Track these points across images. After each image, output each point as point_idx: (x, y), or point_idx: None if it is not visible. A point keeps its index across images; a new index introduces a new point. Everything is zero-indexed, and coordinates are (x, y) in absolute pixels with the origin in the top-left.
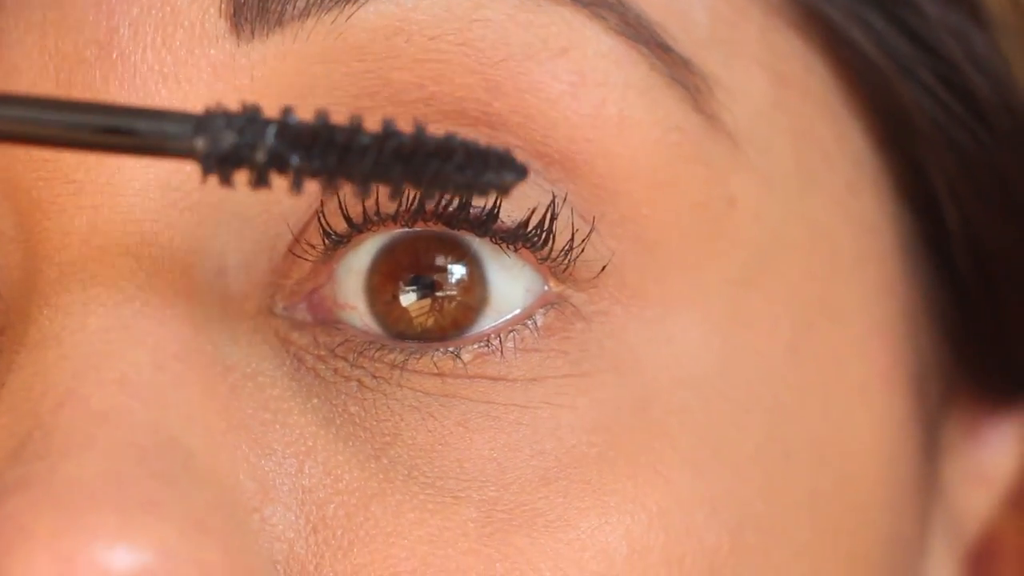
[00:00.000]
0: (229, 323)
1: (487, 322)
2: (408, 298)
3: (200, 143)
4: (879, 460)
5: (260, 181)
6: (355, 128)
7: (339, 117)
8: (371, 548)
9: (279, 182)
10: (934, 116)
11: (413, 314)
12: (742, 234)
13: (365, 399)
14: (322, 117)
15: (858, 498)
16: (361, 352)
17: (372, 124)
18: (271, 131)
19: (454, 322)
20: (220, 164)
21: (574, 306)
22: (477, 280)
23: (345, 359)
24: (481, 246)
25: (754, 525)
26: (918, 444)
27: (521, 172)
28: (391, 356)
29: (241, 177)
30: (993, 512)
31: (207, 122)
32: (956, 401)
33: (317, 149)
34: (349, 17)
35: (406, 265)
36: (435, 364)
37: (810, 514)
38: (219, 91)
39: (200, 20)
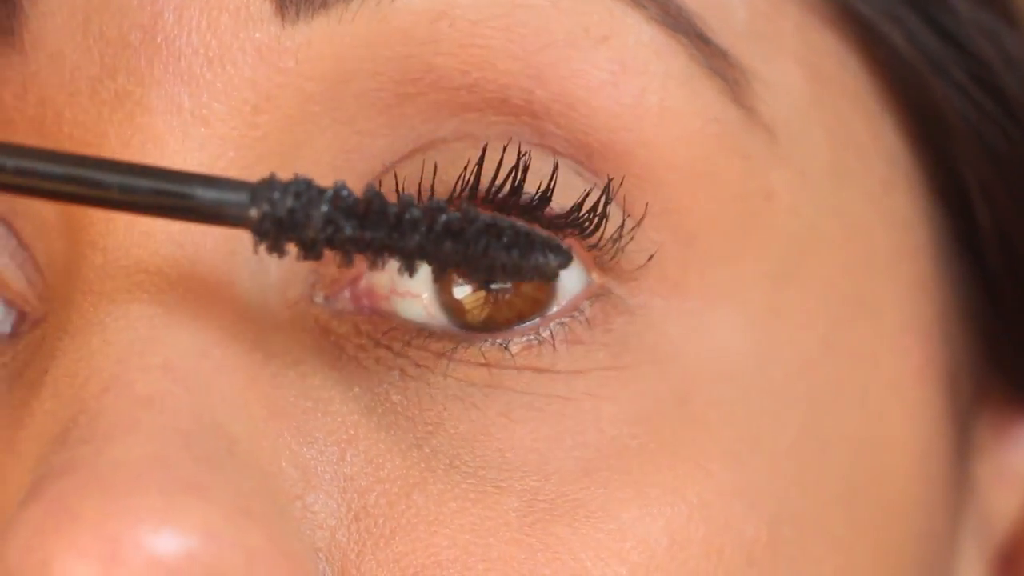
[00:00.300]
0: (270, 311)
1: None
2: (463, 291)
3: (255, 212)
4: (913, 456)
5: (311, 251)
6: (406, 202)
7: (382, 103)
8: (412, 537)
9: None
10: (966, 114)
11: (468, 305)
12: (779, 228)
13: (407, 388)
14: (373, 189)
15: (892, 493)
16: (407, 341)
17: (416, 115)
18: (325, 201)
19: (519, 314)
20: (274, 233)
21: (618, 297)
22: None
23: (389, 348)
24: None
25: (791, 518)
26: (950, 442)
27: (567, 257)
28: (437, 345)
29: (292, 247)
30: (1022, 513)
31: (262, 191)
32: (987, 401)
33: (369, 221)
34: (393, 0)
35: None
36: (483, 354)
37: (845, 508)
38: (263, 74)
39: (245, 3)
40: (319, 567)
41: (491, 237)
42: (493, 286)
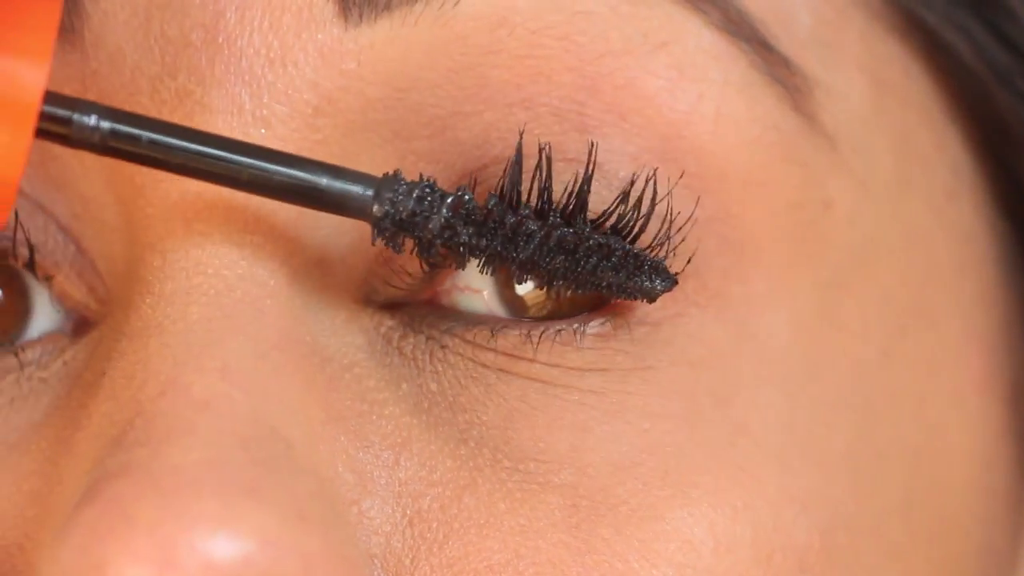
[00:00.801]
0: (328, 313)
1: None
2: (525, 287)
3: (378, 207)
4: (973, 468)
5: (427, 252)
6: (525, 215)
7: (438, 123)
8: (465, 541)
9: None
10: None
11: (529, 302)
12: (837, 237)
13: (439, 373)
14: (494, 198)
15: (951, 505)
16: (445, 330)
17: (468, 140)
18: (447, 206)
19: (579, 310)
20: (394, 230)
21: (644, 309)
22: None
23: (425, 335)
24: None
25: (845, 525)
26: (1012, 456)
27: (672, 282)
28: (469, 334)
29: (408, 243)
30: None
31: (386, 189)
32: None
33: (487, 228)
34: (456, 3)
35: None
36: (509, 344)
37: (902, 517)
38: (325, 76)
39: (308, 3)
40: (374, 573)
41: (602, 257)
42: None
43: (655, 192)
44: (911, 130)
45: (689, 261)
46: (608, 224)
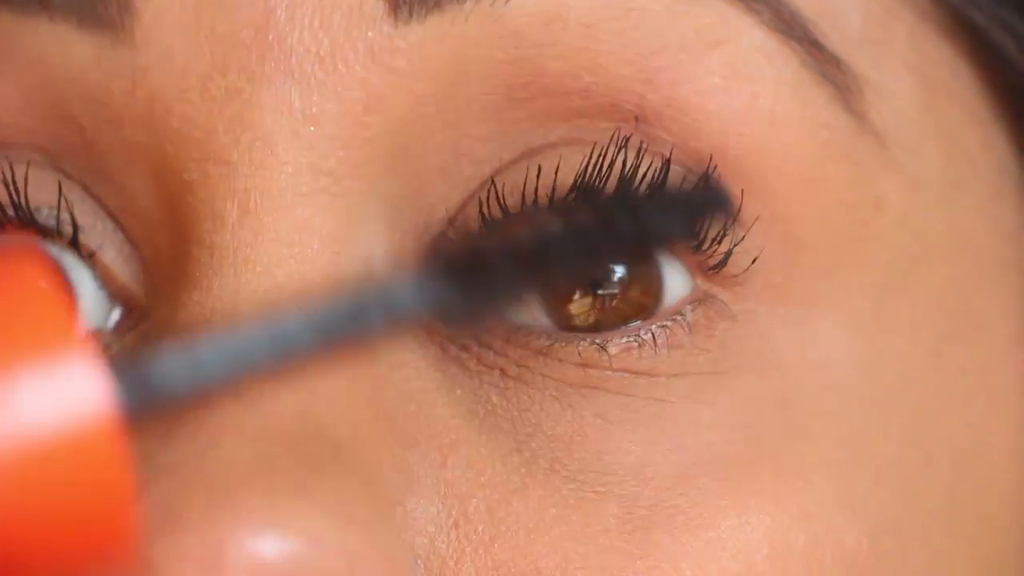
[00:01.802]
0: None
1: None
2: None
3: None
4: (1015, 469)
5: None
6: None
7: (492, 107)
8: (512, 544)
9: None
10: None
11: (577, 311)
12: (888, 237)
13: (507, 388)
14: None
15: (994, 507)
16: (507, 338)
17: (525, 120)
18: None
19: (624, 318)
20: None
21: (722, 303)
22: (654, 280)
23: (490, 347)
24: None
25: (893, 528)
26: None
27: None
28: (537, 343)
29: None
30: None
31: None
32: None
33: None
34: (508, 1)
35: None
36: (579, 354)
37: (947, 520)
38: (375, 74)
39: (358, 2)
40: (418, 574)
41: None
42: (600, 291)
43: (718, 185)
44: (958, 130)
45: (755, 261)
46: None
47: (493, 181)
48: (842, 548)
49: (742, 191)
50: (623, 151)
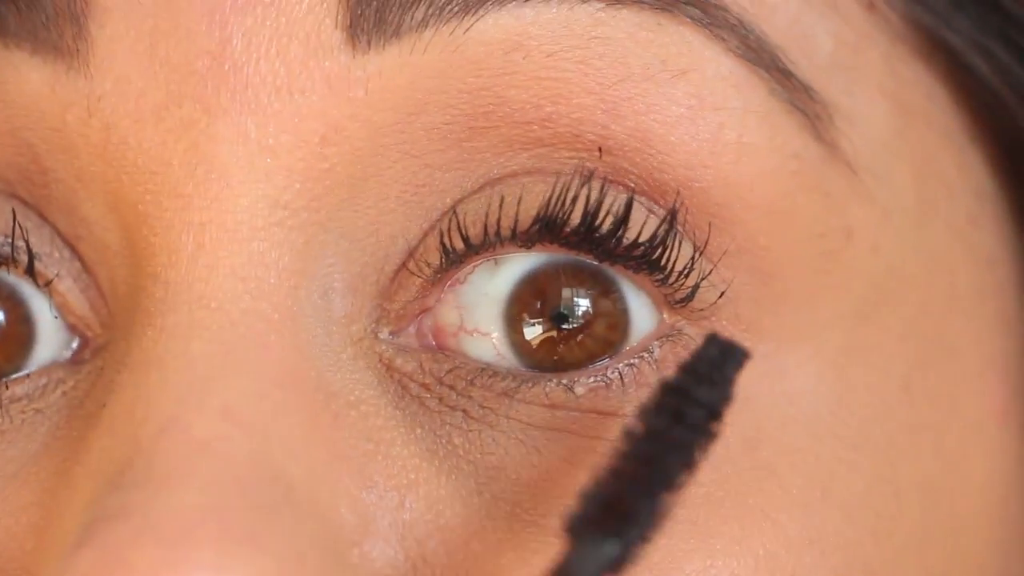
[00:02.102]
0: (332, 348)
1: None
2: (534, 330)
3: None
4: (990, 501)
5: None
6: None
7: (452, 137)
8: None
9: None
10: None
11: (537, 345)
12: (859, 267)
13: (470, 430)
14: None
15: (968, 539)
16: (471, 380)
17: (487, 149)
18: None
19: (590, 354)
20: None
21: (689, 338)
22: (620, 315)
23: (452, 387)
24: (619, 278)
25: (863, 567)
26: None
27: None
28: (501, 384)
29: None
30: None
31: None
32: None
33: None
34: (467, 29)
35: (548, 295)
36: (547, 395)
37: (918, 557)
38: (332, 104)
39: (316, 31)
40: None
41: None
42: (564, 326)
43: (674, 219)
44: (933, 154)
45: (722, 295)
46: (570, 233)
47: (455, 211)
48: None
49: (709, 224)
50: (587, 185)
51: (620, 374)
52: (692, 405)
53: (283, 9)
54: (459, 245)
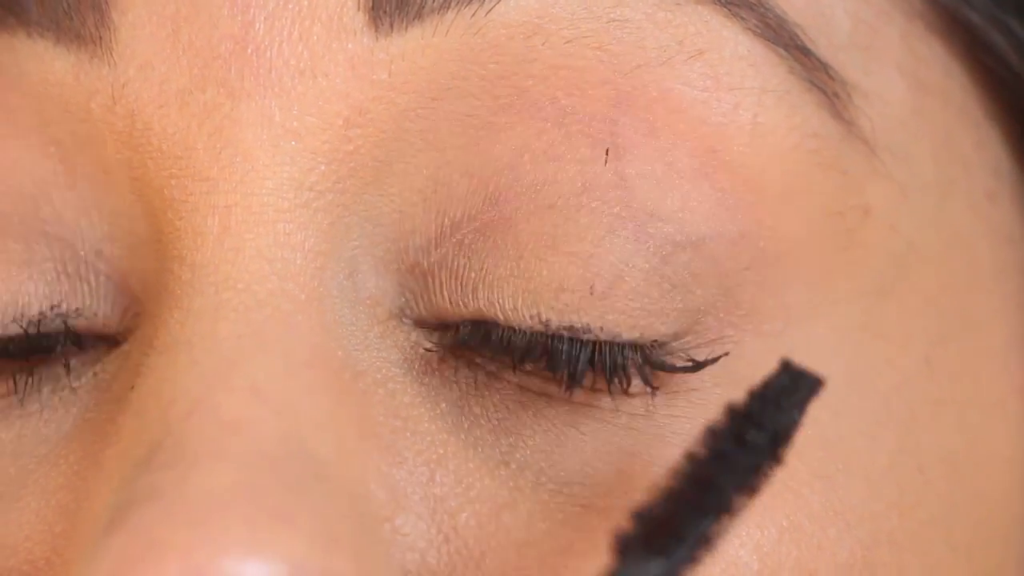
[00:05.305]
0: (359, 328)
1: None
2: None
3: None
4: (1014, 476)
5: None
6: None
7: (472, 130)
8: (503, 559)
9: None
10: None
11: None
12: (876, 244)
13: (483, 396)
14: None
15: (992, 514)
16: (490, 356)
17: (504, 155)
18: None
19: None
20: None
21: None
22: None
23: (464, 356)
24: None
25: (888, 540)
26: None
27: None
28: (515, 359)
29: None
30: None
31: None
32: None
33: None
34: (489, 11)
35: None
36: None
37: (944, 530)
38: (356, 87)
39: (338, 13)
40: None
41: None
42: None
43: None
44: (951, 131)
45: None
46: None
47: (463, 240)
48: (835, 561)
49: (726, 203)
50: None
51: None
52: (756, 431)
53: None
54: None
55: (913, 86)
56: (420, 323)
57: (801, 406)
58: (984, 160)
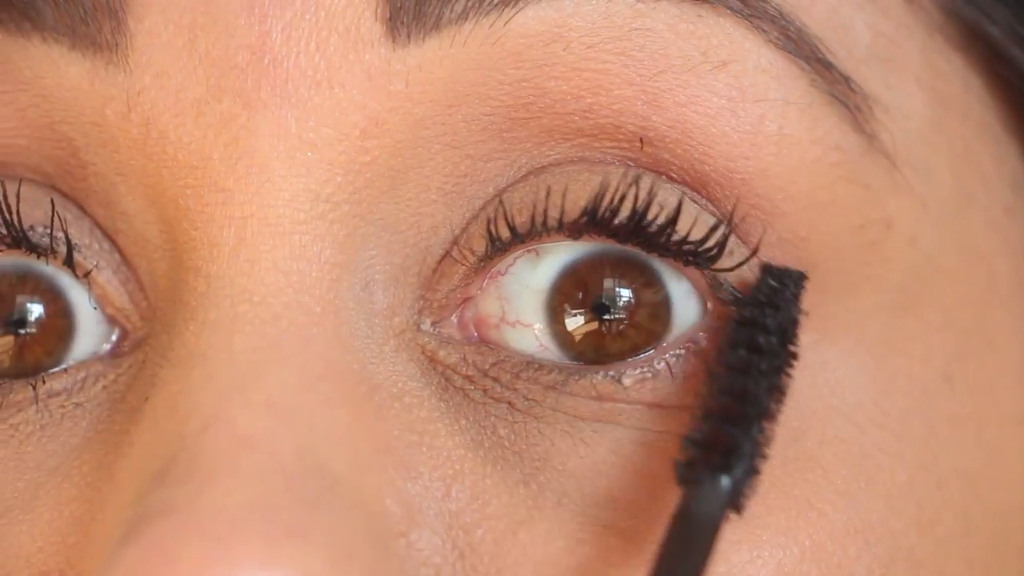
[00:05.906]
0: (375, 340)
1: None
2: (576, 321)
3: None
4: None
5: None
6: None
7: (493, 128)
8: None
9: None
10: None
11: (580, 336)
12: (898, 258)
13: (515, 422)
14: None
15: (1009, 530)
16: (516, 373)
17: (527, 139)
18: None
19: (633, 346)
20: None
21: None
22: (661, 305)
23: (497, 380)
24: (662, 268)
25: (906, 557)
26: None
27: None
28: (548, 377)
29: None
30: None
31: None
32: None
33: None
34: (507, 22)
35: (589, 286)
36: (594, 387)
37: (961, 546)
38: (373, 97)
39: (356, 24)
40: None
41: None
42: (606, 316)
43: (731, 217)
44: (970, 145)
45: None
46: (620, 226)
47: (501, 200)
48: None
49: (757, 218)
50: (635, 185)
51: (668, 364)
52: (764, 332)
53: (322, 2)
54: (505, 234)
55: (932, 100)
56: (439, 338)
57: (795, 301)
58: (1003, 174)
